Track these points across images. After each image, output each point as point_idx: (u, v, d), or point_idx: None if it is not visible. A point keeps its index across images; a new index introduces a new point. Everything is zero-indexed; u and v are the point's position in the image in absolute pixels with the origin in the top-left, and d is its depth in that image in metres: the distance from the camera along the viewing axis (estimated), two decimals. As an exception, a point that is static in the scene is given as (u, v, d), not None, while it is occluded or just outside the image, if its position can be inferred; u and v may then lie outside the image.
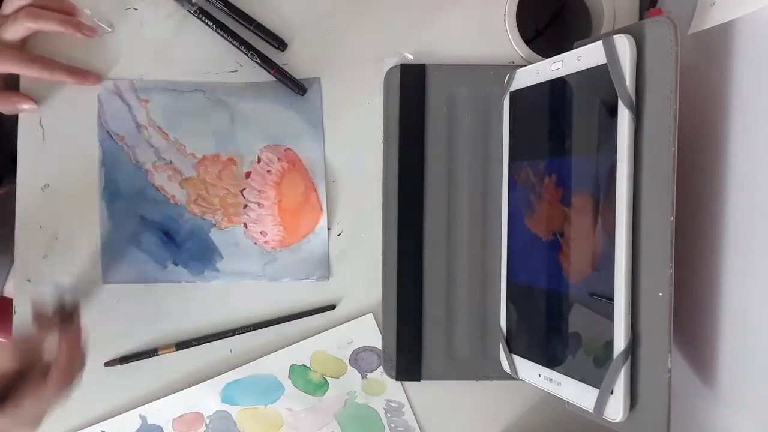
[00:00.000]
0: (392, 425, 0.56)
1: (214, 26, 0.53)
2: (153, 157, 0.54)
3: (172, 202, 0.54)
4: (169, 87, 0.54)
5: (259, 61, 0.53)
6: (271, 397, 0.56)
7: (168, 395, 0.55)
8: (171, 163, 0.54)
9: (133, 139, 0.54)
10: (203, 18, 0.53)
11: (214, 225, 0.55)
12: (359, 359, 0.56)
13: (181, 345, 0.54)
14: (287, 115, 0.54)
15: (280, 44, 0.54)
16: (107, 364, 0.54)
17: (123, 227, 0.54)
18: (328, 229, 0.55)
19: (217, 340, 0.55)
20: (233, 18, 0.54)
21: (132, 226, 0.54)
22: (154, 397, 0.55)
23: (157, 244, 0.54)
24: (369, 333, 0.55)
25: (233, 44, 0.53)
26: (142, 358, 0.54)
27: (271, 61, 0.54)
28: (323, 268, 0.55)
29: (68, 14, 0.52)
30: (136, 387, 0.55)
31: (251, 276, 0.55)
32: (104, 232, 0.54)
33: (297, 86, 0.54)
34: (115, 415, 0.55)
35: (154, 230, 0.54)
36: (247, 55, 0.53)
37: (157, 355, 0.54)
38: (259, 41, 0.54)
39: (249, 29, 0.54)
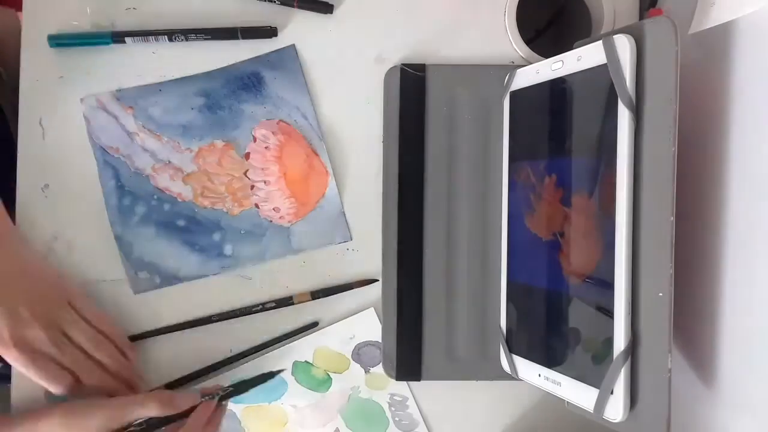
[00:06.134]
0: (396, 419, 0.56)
1: None
2: (151, 161, 0.54)
3: (179, 200, 0.54)
4: (150, 89, 0.54)
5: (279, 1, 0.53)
6: (275, 394, 0.56)
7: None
8: (170, 162, 0.54)
9: (128, 149, 0.54)
10: None
11: (226, 212, 0.55)
12: (362, 354, 0.56)
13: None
14: (271, 88, 0.54)
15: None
16: None
17: (142, 237, 0.54)
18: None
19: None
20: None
21: (150, 234, 0.54)
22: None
23: (177, 245, 0.54)
24: (370, 328, 0.55)
25: None
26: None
27: None
28: (343, 229, 0.55)
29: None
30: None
31: (275, 254, 0.55)
32: (124, 249, 0.54)
33: (324, 6, 0.54)
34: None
35: (172, 232, 0.54)
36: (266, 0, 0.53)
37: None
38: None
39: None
